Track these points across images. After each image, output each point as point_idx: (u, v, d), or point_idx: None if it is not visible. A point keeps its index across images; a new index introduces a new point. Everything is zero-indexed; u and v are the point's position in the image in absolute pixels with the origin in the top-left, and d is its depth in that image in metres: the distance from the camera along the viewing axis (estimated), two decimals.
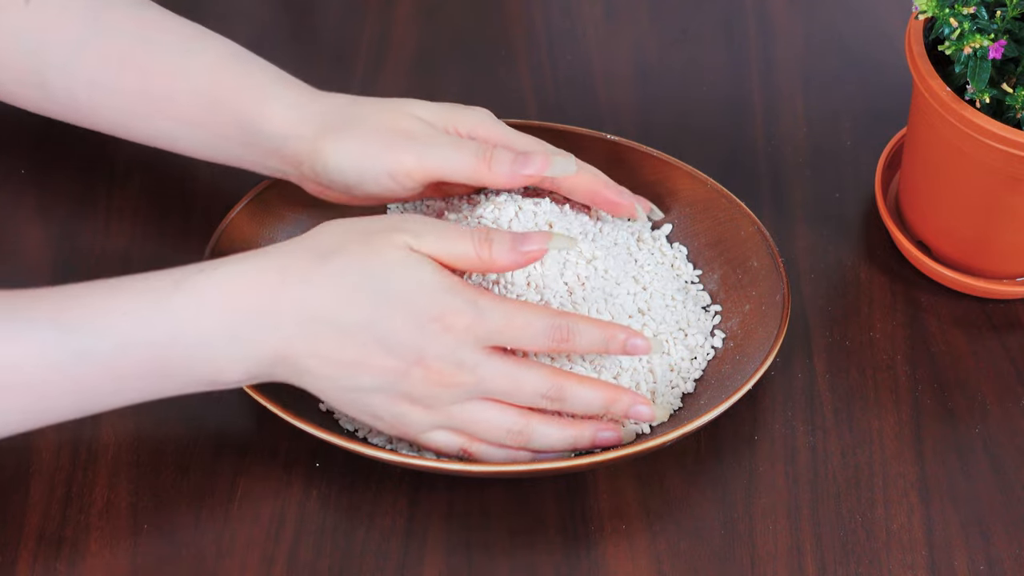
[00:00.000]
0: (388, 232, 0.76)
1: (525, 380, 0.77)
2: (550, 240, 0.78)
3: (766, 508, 0.83)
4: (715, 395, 0.84)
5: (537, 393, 0.78)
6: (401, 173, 0.82)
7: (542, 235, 0.78)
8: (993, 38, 0.81)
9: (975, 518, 0.83)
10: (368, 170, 0.82)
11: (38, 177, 0.96)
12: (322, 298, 0.75)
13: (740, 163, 0.99)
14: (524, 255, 0.78)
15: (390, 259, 0.75)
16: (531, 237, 0.78)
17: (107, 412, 0.85)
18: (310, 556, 0.81)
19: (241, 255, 0.77)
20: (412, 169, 0.82)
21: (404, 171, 0.82)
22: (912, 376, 0.88)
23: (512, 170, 0.82)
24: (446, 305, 0.75)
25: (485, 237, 0.77)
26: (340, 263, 0.75)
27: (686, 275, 0.90)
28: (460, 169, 0.82)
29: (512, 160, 0.82)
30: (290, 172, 0.85)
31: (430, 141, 0.82)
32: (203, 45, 0.85)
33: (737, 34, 1.06)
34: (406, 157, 0.82)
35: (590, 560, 0.81)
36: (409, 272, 0.75)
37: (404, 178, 0.82)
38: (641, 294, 0.86)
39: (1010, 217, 0.87)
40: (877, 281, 0.93)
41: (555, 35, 1.06)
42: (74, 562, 0.80)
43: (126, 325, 0.74)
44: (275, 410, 0.80)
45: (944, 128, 0.84)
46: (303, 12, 1.08)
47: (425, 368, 0.75)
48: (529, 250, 0.78)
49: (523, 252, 0.78)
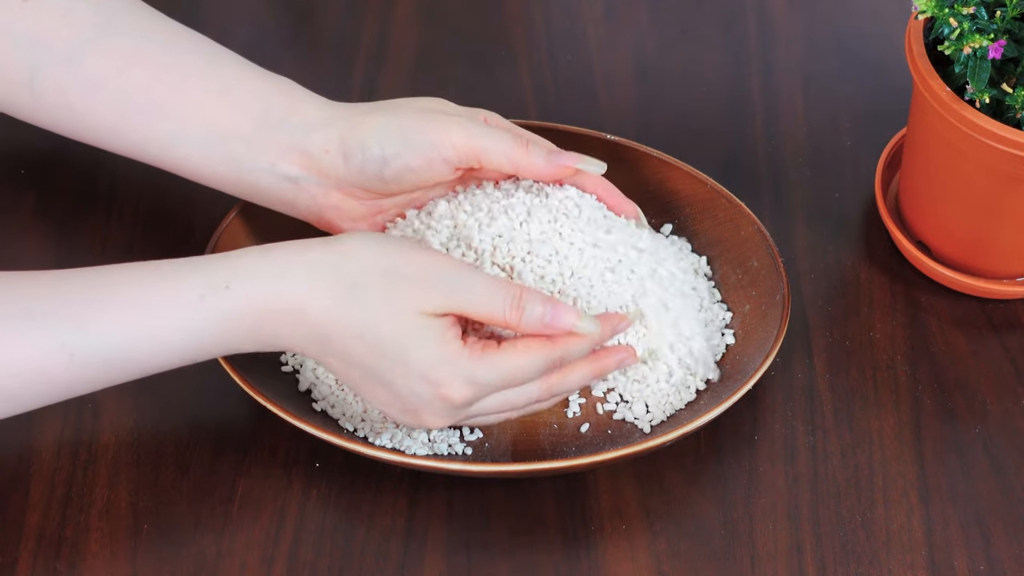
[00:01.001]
0: (416, 288, 0.76)
1: (518, 400, 0.79)
2: (579, 321, 0.78)
3: (766, 508, 0.83)
4: (715, 395, 0.84)
5: (531, 402, 0.80)
6: (446, 144, 0.82)
7: (574, 314, 0.78)
8: (993, 38, 0.81)
9: (975, 518, 0.83)
10: (412, 139, 0.82)
11: (38, 177, 0.96)
12: (333, 334, 0.76)
13: (740, 163, 0.99)
14: (550, 329, 0.78)
15: (404, 328, 0.75)
16: (563, 315, 0.78)
17: (107, 412, 0.85)
18: (310, 556, 0.81)
19: (260, 257, 0.76)
20: (457, 142, 0.82)
21: (449, 142, 0.82)
22: (912, 376, 0.88)
23: (548, 159, 0.83)
24: (445, 381, 0.76)
25: (518, 304, 0.77)
26: (357, 310, 0.75)
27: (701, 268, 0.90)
28: (501, 150, 0.82)
29: (548, 150, 0.83)
30: (298, 177, 0.83)
31: (471, 121, 0.83)
32: (226, 53, 0.85)
33: (737, 34, 1.06)
34: (454, 129, 0.82)
35: (590, 560, 0.81)
36: (417, 343, 0.76)
37: (448, 150, 0.82)
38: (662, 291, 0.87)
39: (1010, 217, 0.87)
40: (877, 281, 0.93)
41: (555, 35, 1.06)
42: (74, 562, 0.80)
43: (149, 346, 0.76)
44: (275, 410, 0.80)
45: (944, 128, 0.84)
46: (303, 12, 1.08)
47: (423, 416, 0.78)
48: (558, 326, 0.78)
49: (550, 326, 0.78)
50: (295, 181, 0.84)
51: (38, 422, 0.84)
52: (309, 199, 0.84)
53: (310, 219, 0.85)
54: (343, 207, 0.84)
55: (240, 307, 0.75)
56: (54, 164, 0.96)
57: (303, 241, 0.77)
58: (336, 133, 0.83)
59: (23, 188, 0.96)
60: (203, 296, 0.75)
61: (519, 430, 0.84)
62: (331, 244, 0.77)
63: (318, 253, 0.76)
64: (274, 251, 0.76)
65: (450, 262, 0.77)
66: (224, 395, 0.85)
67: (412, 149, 0.82)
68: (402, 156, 0.82)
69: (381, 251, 0.76)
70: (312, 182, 0.83)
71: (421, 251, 0.77)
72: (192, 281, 0.75)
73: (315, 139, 0.83)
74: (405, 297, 0.75)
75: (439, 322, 0.76)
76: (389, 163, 0.82)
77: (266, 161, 0.83)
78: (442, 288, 0.76)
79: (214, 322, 0.75)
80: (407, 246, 0.77)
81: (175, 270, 0.76)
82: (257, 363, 0.84)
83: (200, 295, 0.75)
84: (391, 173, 0.82)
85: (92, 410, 0.85)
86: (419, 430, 0.83)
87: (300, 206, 0.85)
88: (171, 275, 0.76)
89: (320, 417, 0.83)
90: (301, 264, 0.76)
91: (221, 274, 0.75)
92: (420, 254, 0.77)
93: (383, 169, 0.82)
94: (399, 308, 0.75)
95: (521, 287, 0.77)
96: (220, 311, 0.75)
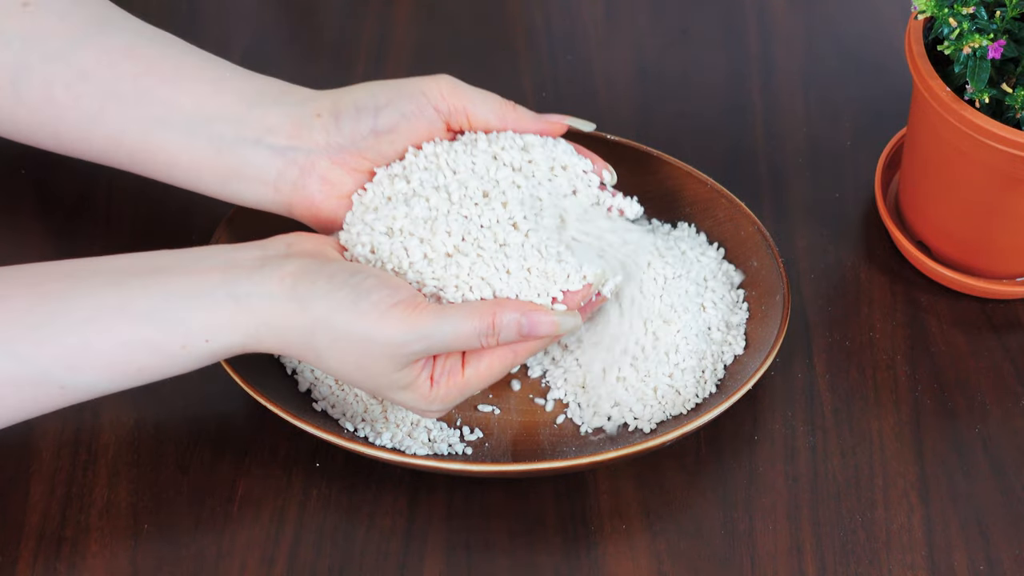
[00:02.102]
0: (386, 355, 0.76)
1: (478, 387, 0.80)
2: (560, 328, 0.78)
3: (766, 508, 0.83)
4: (715, 395, 0.84)
5: (494, 380, 0.80)
6: (435, 92, 0.83)
7: (551, 324, 0.78)
8: (992, 38, 0.81)
9: (975, 518, 0.83)
10: (403, 88, 0.83)
11: (38, 177, 0.96)
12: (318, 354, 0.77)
13: (740, 163, 0.99)
14: (530, 339, 0.78)
15: (379, 384, 0.78)
16: (541, 327, 0.78)
17: (107, 412, 0.85)
18: (310, 556, 0.81)
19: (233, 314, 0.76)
20: (446, 90, 0.83)
21: (438, 91, 0.83)
22: (912, 376, 0.88)
23: (537, 115, 0.85)
24: (419, 411, 0.79)
25: (492, 334, 0.77)
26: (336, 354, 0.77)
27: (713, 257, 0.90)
28: (489, 104, 0.84)
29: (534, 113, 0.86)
30: (286, 148, 0.82)
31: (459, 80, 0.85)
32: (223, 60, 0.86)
33: (737, 34, 1.06)
34: (442, 79, 0.84)
35: (590, 560, 0.81)
36: (390, 392, 0.78)
37: (437, 97, 0.83)
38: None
39: (1010, 217, 0.87)
40: (877, 281, 0.93)
41: (555, 35, 1.06)
42: (74, 562, 0.80)
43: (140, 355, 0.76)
44: (275, 410, 0.80)
45: (944, 128, 0.84)
46: (303, 12, 1.08)
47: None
48: (538, 335, 0.78)
49: (529, 336, 0.78)
50: (282, 153, 0.83)
51: (38, 422, 0.84)
52: (295, 175, 0.83)
53: (293, 206, 0.84)
54: (331, 178, 0.83)
55: (222, 354, 0.77)
56: (54, 164, 0.96)
57: (270, 293, 0.76)
58: (328, 99, 0.83)
59: (23, 188, 0.96)
60: (185, 346, 0.76)
61: (519, 430, 0.84)
62: (300, 301, 0.76)
63: (289, 313, 0.76)
64: (246, 310, 0.76)
65: (416, 311, 0.76)
66: (224, 395, 0.85)
67: (403, 96, 0.83)
68: (394, 103, 0.83)
69: (348, 316, 0.76)
70: (300, 153, 0.82)
71: (383, 304, 0.76)
72: (172, 335, 0.76)
73: (307, 108, 0.83)
74: (378, 363, 0.76)
75: (410, 372, 0.77)
76: (382, 112, 0.82)
77: (253, 136, 0.83)
78: (414, 343, 0.76)
79: (197, 362, 0.78)
80: (366, 290, 0.76)
81: (158, 319, 0.76)
82: (257, 363, 0.84)
83: (182, 345, 0.76)
84: (384, 123, 0.83)
85: (92, 410, 0.85)
86: (419, 430, 0.83)
87: (283, 187, 0.83)
88: (156, 322, 0.76)
89: (320, 417, 0.83)
90: (271, 331, 0.76)
91: (199, 334, 0.76)
92: (384, 312, 0.76)
93: (376, 120, 0.82)
94: (374, 373, 0.77)
95: (493, 314, 0.77)
96: (201, 358, 0.77)
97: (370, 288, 0.76)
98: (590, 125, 0.86)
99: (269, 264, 0.77)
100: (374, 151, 0.83)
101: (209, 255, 0.78)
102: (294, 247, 0.79)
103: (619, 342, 0.84)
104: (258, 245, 0.79)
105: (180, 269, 0.77)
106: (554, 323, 0.78)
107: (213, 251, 0.79)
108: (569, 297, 0.80)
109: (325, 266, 0.77)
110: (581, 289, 0.80)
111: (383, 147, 0.83)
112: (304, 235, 0.81)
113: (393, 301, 0.76)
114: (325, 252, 0.80)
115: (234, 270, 0.77)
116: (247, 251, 0.79)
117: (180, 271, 0.77)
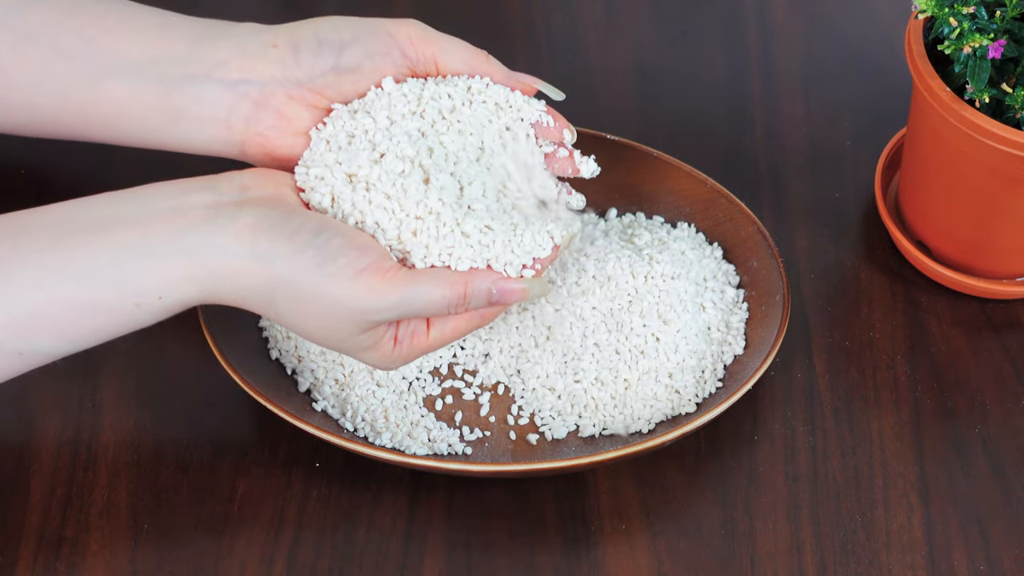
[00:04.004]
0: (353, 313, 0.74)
1: (442, 346, 0.79)
2: (529, 295, 0.78)
3: (766, 508, 0.83)
4: (715, 395, 0.84)
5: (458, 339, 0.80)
6: (403, 35, 0.80)
7: (521, 292, 0.77)
8: (993, 38, 0.81)
9: (975, 518, 0.83)
10: (370, 26, 0.80)
11: (38, 177, 0.96)
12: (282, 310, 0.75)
13: (740, 163, 0.99)
14: (499, 305, 0.78)
15: (345, 345, 0.76)
16: (511, 296, 0.77)
17: (107, 412, 0.85)
18: (310, 556, 0.81)
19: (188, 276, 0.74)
20: (415, 34, 0.80)
21: (407, 34, 0.80)
22: (912, 376, 0.88)
23: (508, 71, 0.82)
24: (372, 362, 0.78)
25: (462, 303, 0.76)
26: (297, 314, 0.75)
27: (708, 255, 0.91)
28: (459, 52, 0.81)
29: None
30: (238, 82, 0.79)
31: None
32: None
33: (737, 34, 1.06)
34: (411, 23, 0.81)
35: (590, 560, 0.81)
36: (355, 351, 0.77)
37: (405, 41, 0.80)
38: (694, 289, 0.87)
39: (1010, 217, 0.87)
40: (877, 281, 0.93)
41: (555, 35, 1.06)
42: (74, 562, 0.80)
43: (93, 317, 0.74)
44: (275, 410, 0.80)
45: (944, 128, 0.84)
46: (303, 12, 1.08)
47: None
48: (508, 303, 0.78)
49: (498, 303, 0.77)
50: (233, 87, 0.79)
51: (38, 422, 0.84)
52: (248, 109, 0.79)
53: (246, 145, 0.80)
54: (287, 113, 0.79)
55: (178, 308, 0.75)
56: (54, 164, 0.96)
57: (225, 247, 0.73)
58: (284, 30, 0.80)
59: (23, 188, 0.96)
60: (139, 304, 0.74)
61: (519, 430, 0.84)
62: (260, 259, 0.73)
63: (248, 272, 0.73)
64: (199, 263, 0.73)
65: (385, 278, 0.74)
66: (224, 395, 0.85)
67: (370, 34, 0.79)
68: (360, 40, 0.79)
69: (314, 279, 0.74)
70: (253, 86, 0.79)
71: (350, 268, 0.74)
72: (124, 295, 0.73)
73: (261, 38, 0.79)
74: (343, 327, 0.75)
75: (374, 334, 0.76)
76: (347, 48, 0.79)
77: (202, 71, 0.79)
78: (383, 312, 0.75)
79: (155, 317, 0.75)
80: (332, 252, 0.74)
81: (107, 279, 0.73)
82: (257, 363, 0.84)
83: (136, 303, 0.74)
84: (347, 61, 0.79)
85: (92, 410, 0.85)
86: (419, 430, 0.83)
87: (235, 124, 0.79)
88: (104, 283, 0.73)
89: (320, 417, 0.83)
90: (227, 285, 0.74)
91: (151, 291, 0.73)
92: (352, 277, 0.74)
93: (339, 57, 0.79)
94: (338, 336, 0.76)
95: (465, 283, 0.76)
96: (158, 314, 0.75)
97: (336, 250, 0.73)
98: (560, 94, 0.84)
99: (223, 213, 0.73)
100: (333, 89, 0.80)
101: (156, 198, 0.74)
102: (250, 191, 0.75)
103: (560, 344, 0.84)
104: (210, 184, 0.75)
105: (125, 220, 0.73)
106: (524, 291, 0.77)
107: (160, 192, 0.75)
108: (539, 263, 0.78)
109: (287, 220, 0.74)
110: (551, 254, 0.79)
111: (344, 86, 0.80)
112: (260, 173, 0.77)
113: (361, 266, 0.74)
114: (283, 197, 0.76)
115: (183, 219, 0.73)
116: (197, 193, 0.75)
117: (127, 222, 0.73)
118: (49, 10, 0.81)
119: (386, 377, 0.85)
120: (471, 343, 0.87)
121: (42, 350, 0.74)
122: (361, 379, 0.84)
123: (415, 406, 0.85)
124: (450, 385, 0.86)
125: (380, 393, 0.84)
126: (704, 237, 0.91)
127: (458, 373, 0.87)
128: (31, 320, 0.73)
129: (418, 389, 0.86)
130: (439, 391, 0.86)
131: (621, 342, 0.84)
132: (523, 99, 0.83)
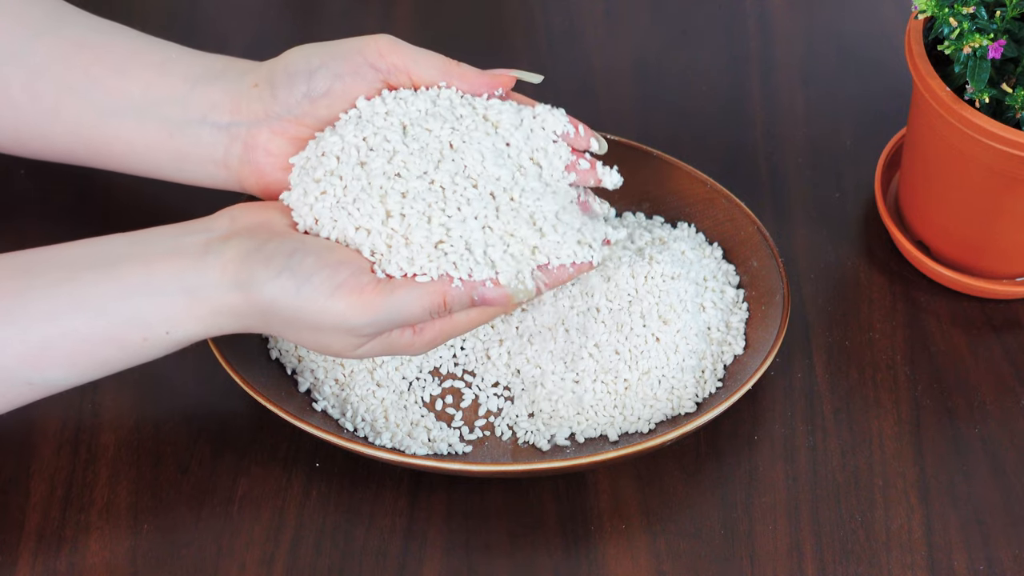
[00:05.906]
0: (348, 329, 0.76)
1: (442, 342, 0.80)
2: (512, 301, 0.78)
3: (766, 508, 0.83)
4: (715, 395, 0.84)
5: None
6: (372, 50, 0.81)
7: (505, 299, 0.78)
8: (992, 38, 0.81)
9: (975, 518, 0.83)
10: (337, 49, 0.81)
11: (38, 177, 0.96)
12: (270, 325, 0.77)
13: (740, 163, 0.99)
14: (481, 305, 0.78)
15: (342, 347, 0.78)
16: (493, 301, 0.78)
17: (107, 412, 0.85)
18: (310, 556, 0.81)
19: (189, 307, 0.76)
20: (384, 48, 0.81)
21: (375, 48, 0.81)
22: (912, 376, 0.88)
23: (482, 71, 0.82)
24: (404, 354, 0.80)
25: (443, 308, 0.77)
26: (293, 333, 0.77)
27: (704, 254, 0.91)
28: (431, 61, 0.82)
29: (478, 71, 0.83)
30: (230, 124, 0.81)
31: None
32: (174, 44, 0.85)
33: (737, 34, 1.06)
34: (380, 38, 0.81)
35: (590, 560, 0.81)
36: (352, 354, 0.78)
37: (374, 55, 0.81)
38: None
39: (1010, 217, 0.87)
40: (877, 281, 0.93)
41: (555, 35, 1.06)
42: (74, 562, 0.80)
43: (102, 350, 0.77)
44: (275, 410, 0.80)
45: (944, 128, 0.84)
46: (303, 12, 1.08)
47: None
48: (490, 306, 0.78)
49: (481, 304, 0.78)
50: (226, 129, 0.82)
51: (38, 422, 0.84)
52: (240, 150, 0.82)
53: (243, 181, 0.83)
54: (272, 148, 0.81)
55: (185, 342, 0.78)
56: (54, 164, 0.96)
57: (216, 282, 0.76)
58: (265, 68, 0.82)
59: (23, 188, 0.96)
60: (147, 339, 0.76)
61: (519, 430, 0.84)
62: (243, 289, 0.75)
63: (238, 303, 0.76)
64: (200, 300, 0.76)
65: (361, 295, 0.75)
66: (224, 395, 0.85)
67: (337, 58, 0.81)
68: (328, 65, 0.81)
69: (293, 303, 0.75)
70: (242, 127, 0.81)
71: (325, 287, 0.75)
72: (132, 330, 0.76)
73: (245, 80, 0.82)
74: (335, 340, 0.77)
75: (383, 338, 0.78)
76: (315, 75, 0.81)
77: (198, 115, 0.82)
78: (364, 328, 0.76)
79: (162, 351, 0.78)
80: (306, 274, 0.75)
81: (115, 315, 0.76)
82: (257, 363, 0.84)
83: (143, 338, 0.76)
84: (317, 87, 0.81)
85: (92, 410, 0.85)
86: (419, 430, 0.83)
87: (232, 163, 0.82)
88: (113, 318, 0.76)
89: (320, 417, 0.83)
90: (228, 317, 0.76)
91: (158, 327, 0.76)
92: (328, 296, 0.75)
93: (310, 83, 0.81)
94: (333, 348, 0.77)
95: (444, 293, 0.77)
96: (165, 348, 0.77)
97: (309, 270, 0.75)
98: (537, 77, 0.84)
99: (212, 250, 0.76)
100: (311, 116, 0.81)
101: (158, 240, 0.78)
102: (237, 221, 0.78)
103: (560, 345, 0.84)
104: (204, 225, 0.78)
105: (132, 259, 0.76)
106: (505, 294, 0.78)
107: (162, 234, 0.78)
108: (550, 274, 0.79)
109: (262, 246, 0.76)
110: (564, 268, 0.80)
111: (320, 111, 0.81)
112: (248, 206, 0.80)
113: (336, 282, 0.75)
114: (269, 222, 0.78)
115: (181, 259, 0.76)
116: (193, 234, 0.78)
117: (132, 261, 0.76)
118: (57, 45, 0.83)
119: (386, 377, 0.85)
120: (471, 343, 0.87)
121: (52, 380, 0.77)
122: (361, 379, 0.85)
123: (415, 406, 0.85)
124: (450, 385, 0.86)
125: (380, 393, 0.84)
126: (704, 237, 0.91)
127: (458, 373, 0.87)
128: (44, 351, 0.75)
129: (418, 389, 0.86)
130: (439, 391, 0.86)
131: (621, 342, 0.84)
132: (545, 109, 0.83)
